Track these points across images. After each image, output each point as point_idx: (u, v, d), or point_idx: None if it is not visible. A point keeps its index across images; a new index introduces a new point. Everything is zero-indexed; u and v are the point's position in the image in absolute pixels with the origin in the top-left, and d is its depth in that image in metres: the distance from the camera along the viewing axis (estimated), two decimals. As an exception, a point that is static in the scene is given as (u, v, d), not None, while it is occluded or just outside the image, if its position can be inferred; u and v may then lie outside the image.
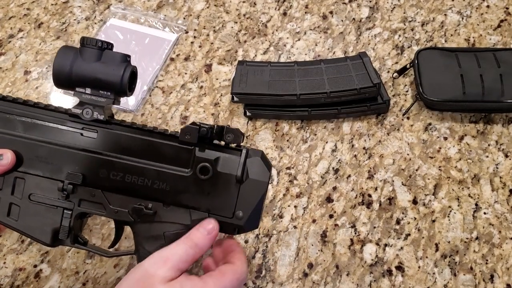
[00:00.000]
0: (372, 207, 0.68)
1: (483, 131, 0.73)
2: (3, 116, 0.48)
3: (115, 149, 0.47)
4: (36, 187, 0.48)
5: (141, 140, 0.47)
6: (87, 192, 0.48)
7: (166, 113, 0.77)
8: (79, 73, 0.46)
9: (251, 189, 0.46)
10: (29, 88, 0.80)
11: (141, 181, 0.47)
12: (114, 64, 0.46)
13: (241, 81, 0.73)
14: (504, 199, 0.68)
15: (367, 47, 0.82)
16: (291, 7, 0.88)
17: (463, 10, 0.86)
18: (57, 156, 0.47)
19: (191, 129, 0.45)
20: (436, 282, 0.62)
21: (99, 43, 0.46)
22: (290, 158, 0.72)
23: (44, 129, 0.48)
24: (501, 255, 0.64)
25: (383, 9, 0.87)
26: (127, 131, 0.47)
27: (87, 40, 0.46)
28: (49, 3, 0.90)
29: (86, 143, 0.47)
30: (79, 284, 0.63)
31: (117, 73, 0.46)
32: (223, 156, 0.46)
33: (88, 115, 0.47)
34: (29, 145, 0.47)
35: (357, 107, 0.73)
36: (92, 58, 0.46)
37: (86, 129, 0.47)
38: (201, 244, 0.45)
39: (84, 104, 0.47)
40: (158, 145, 0.47)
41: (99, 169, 0.47)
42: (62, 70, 0.46)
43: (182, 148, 0.46)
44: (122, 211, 0.47)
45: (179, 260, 0.44)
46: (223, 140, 0.46)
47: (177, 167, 0.46)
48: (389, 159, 0.72)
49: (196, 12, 0.88)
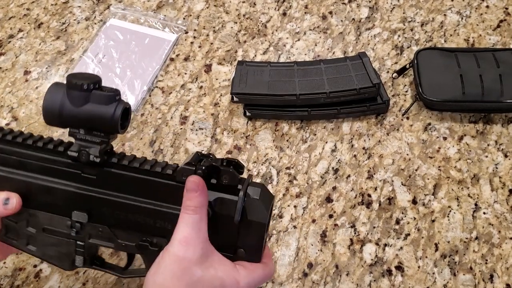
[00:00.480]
0: (372, 207, 0.68)
1: (482, 131, 0.74)
2: (6, 157, 0.48)
3: (115, 188, 0.47)
4: (48, 222, 0.49)
5: (139, 179, 0.46)
6: (95, 228, 0.48)
7: (166, 113, 0.77)
8: (68, 116, 0.45)
9: (251, 229, 0.45)
10: (29, 88, 0.80)
11: (143, 219, 0.47)
12: (102, 106, 0.44)
13: (241, 81, 0.73)
14: (504, 199, 0.68)
15: (366, 47, 0.82)
16: (291, 7, 0.88)
17: (463, 10, 0.86)
18: (61, 196, 0.47)
19: (187, 171, 0.44)
20: (436, 282, 0.62)
21: (85, 85, 0.44)
22: (290, 158, 0.72)
23: (46, 170, 0.47)
24: (500, 255, 0.64)
25: (382, 9, 0.87)
26: (125, 171, 0.47)
27: (72, 84, 0.44)
28: (49, 3, 0.90)
29: (87, 183, 0.47)
30: (79, 284, 0.63)
31: (107, 115, 0.44)
32: (221, 197, 0.45)
33: (84, 158, 0.46)
34: (34, 185, 0.48)
35: (357, 107, 0.73)
36: (80, 101, 0.44)
37: (86, 170, 0.47)
38: (197, 204, 0.44)
39: (80, 146, 0.46)
40: (156, 184, 0.46)
41: (102, 207, 0.47)
42: (52, 113, 0.45)
43: (180, 187, 0.45)
44: (130, 245, 0.48)
45: (194, 232, 0.43)
46: (219, 181, 0.45)
47: (178, 206, 0.45)
48: (388, 159, 0.72)
49: (196, 12, 0.88)
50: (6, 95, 0.80)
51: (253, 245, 0.46)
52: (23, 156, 0.48)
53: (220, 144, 0.74)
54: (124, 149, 0.74)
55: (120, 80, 0.80)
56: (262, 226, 0.45)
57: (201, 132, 0.75)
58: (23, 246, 0.50)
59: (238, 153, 0.73)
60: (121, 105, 0.45)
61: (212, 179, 0.45)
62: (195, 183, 0.44)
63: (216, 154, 0.73)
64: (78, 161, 0.46)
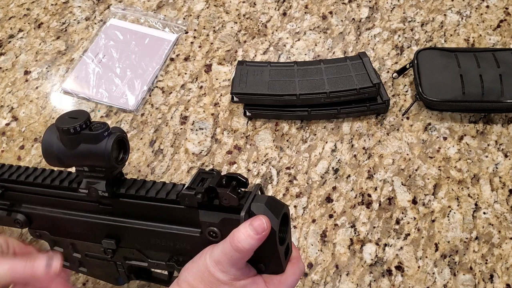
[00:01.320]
0: (372, 207, 0.68)
1: (482, 131, 0.73)
2: (37, 197, 0.51)
3: (130, 216, 0.49)
4: (87, 249, 0.52)
5: (151, 206, 0.47)
6: (127, 251, 0.51)
7: (166, 113, 0.77)
8: (66, 159, 0.46)
9: (262, 245, 0.43)
10: (29, 88, 0.80)
11: (164, 242, 0.48)
12: (94, 145, 0.45)
13: (241, 81, 0.73)
14: (504, 199, 0.68)
15: (366, 47, 0.82)
16: (291, 7, 0.88)
17: (463, 10, 0.86)
18: (87, 227, 0.50)
19: (188, 196, 0.44)
20: (436, 282, 0.62)
21: (72, 129, 0.44)
22: (290, 158, 0.72)
23: (69, 205, 0.50)
24: (500, 255, 0.64)
25: (382, 9, 0.87)
26: (133, 199, 0.48)
27: (61, 130, 0.45)
28: (49, 3, 0.90)
29: (106, 213, 0.49)
30: (79, 284, 0.63)
31: (99, 153, 0.45)
32: (226, 218, 0.44)
33: (94, 194, 0.47)
34: (64, 220, 0.51)
35: (357, 107, 0.73)
36: (73, 144, 0.45)
37: (101, 204, 0.49)
38: (247, 246, 0.42)
39: (88, 183, 0.47)
40: (166, 209, 0.47)
41: (125, 234, 0.49)
42: (51, 157, 0.46)
43: (187, 209, 0.46)
44: (161, 264, 0.50)
45: (231, 263, 0.42)
46: (221, 203, 0.44)
47: (190, 227, 0.47)
48: (388, 159, 0.72)
49: (196, 12, 0.88)
50: (6, 95, 0.80)
51: (269, 257, 0.45)
52: (46, 195, 0.51)
53: (220, 144, 0.74)
54: (124, 149, 0.74)
55: (120, 80, 0.80)
56: (273, 240, 0.44)
57: (201, 132, 0.75)
58: (76, 268, 0.55)
59: (238, 153, 0.73)
60: (111, 140, 0.45)
61: (215, 199, 0.45)
62: (262, 226, 0.42)
63: (216, 154, 0.73)
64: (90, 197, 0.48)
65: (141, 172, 0.71)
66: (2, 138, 0.75)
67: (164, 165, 0.72)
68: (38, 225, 0.53)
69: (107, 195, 0.47)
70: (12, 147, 0.75)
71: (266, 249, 0.44)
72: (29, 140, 0.75)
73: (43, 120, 0.77)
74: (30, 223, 0.53)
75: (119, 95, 0.79)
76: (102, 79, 0.80)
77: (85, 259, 0.53)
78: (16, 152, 0.74)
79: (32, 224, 0.53)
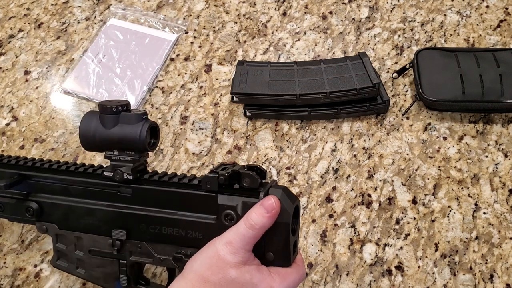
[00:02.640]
0: (372, 207, 0.68)
1: (482, 131, 0.74)
2: (52, 184, 0.53)
3: (149, 204, 0.50)
4: (92, 244, 0.53)
5: (170, 192, 0.50)
6: (134, 245, 0.51)
7: (166, 113, 0.77)
8: (102, 139, 0.49)
9: (276, 230, 0.46)
10: (29, 88, 0.80)
11: (176, 231, 0.49)
12: (130, 126, 0.49)
13: (241, 81, 0.73)
14: (504, 199, 0.68)
15: (366, 47, 0.82)
16: (291, 7, 0.88)
17: (463, 10, 0.86)
18: (102, 216, 0.52)
19: (211, 178, 0.47)
20: (436, 282, 0.62)
21: (114, 108, 0.49)
22: (290, 158, 0.72)
23: (87, 193, 0.52)
24: (500, 255, 0.64)
25: (382, 9, 0.87)
26: (156, 185, 0.50)
27: (103, 108, 0.49)
28: (49, 3, 0.90)
29: (124, 201, 0.51)
30: (79, 284, 0.63)
31: (134, 134, 0.49)
32: (244, 201, 0.47)
33: (118, 176, 0.50)
34: (77, 208, 0.52)
35: (357, 107, 0.73)
36: (111, 123, 0.49)
37: (122, 187, 0.51)
38: (259, 224, 0.45)
39: (114, 166, 0.50)
40: (185, 196, 0.49)
41: (139, 224, 0.51)
42: (87, 138, 0.50)
43: (206, 196, 0.48)
44: (167, 259, 0.51)
45: (242, 243, 0.45)
46: (241, 184, 0.47)
47: (205, 214, 0.48)
48: (388, 159, 0.72)
49: (196, 12, 0.88)
50: (6, 95, 0.80)
51: (280, 247, 0.47)
52: (66, 182, 0.53)
53: (220, 144, 0.74)
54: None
55: (120, 80, 0.80)
56: (286, 226, 0.46)
57: (201, 132, 0.75)
58: (73, 270, 0.54)
59: (238, 153, 0.73)
60: (147, 123, 0.49)
61: (235, 184, 0.47)
62: (272, 205, 0.45)
63: (216, 154, 0.73)
64: (113, 181, 0.50)
65: (141, 172, 0.71)
66: (2, 138, 0.76)
67: (164, 165, 0.72)
68: (48, 217, 0.53)
69: (131, 178, 0.49)
70: (12, 147, 0.75)
71: (278, 237, 0.46)
72: (29, 140, 0.75)
73: (43, 120, 0.77)
74: (41, 214, 0.53)
75: (119, 95, 0.79)
76: (102, 79, 0.80)
77: (86, 257, 0.53)
78: (16, 152, 0.74)
79: (43, 215, 0.53)
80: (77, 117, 0.77)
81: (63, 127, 0.76)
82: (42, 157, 0.73)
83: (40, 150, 0.74)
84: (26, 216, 0.54)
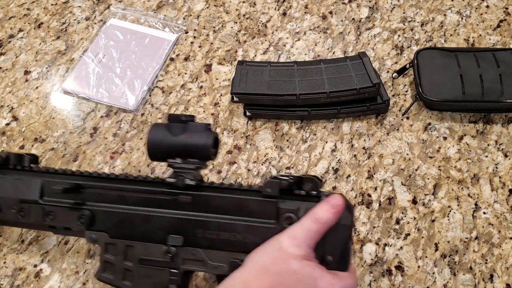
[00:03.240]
0: (372, 207, 0.68)
1: (482, 131, 0.74)
2: (108, 193, 0.54)
3: (208, 210, 0.51)
4: (144, 252, 0.52)
5: (230, 198, 0.51)
6: (188, 252, 0.52)
7: (166, 113, 0.77)
8: (170, 146, 0.51)
9: (336, 233, 0.48)
10: (29, 88, 0.80)
11: (234, 236, 0.50)
12: (198, 134, 0.51)
13: (241, 81, 0.73)
14: (504, 198, 0.68)
15: (366, 47, 0.82)
16: (291, 7, 0.88)
17: (463, 10, 0.86)
18: (159, 223, 0.52)
19: (273, 183, 0.49)
20: (436, 282, 0.62)
21: (183, 117, 0.52)
22: (290, 158, 0.72)
23: (147, 200, 0.53)
24: (500, 254, 0.64)
25: (382, 9, 0.87)
26: (217, 192, 0.52)
27: (173, 117, 0.52)
28: (49, 3, 0.90)
29: (183, 207, 0.52)
30: (79, 284, 0.63)
31: (202, 141, 0.51)
32: (304, 205, 0.49)
33: (181, 182, 0.51)
34: (134, 215, 0.53)
35: (357, 107, 0.73)
36: (178, 131, 0.51)
37: (182, 195, 0.52)
38: (324, 219, 0.46)
39: (177, 173, 0.52)
40: (244, 202, 0.51)
41: (196, 229, 0.51)
42: (155, 146, 0.52)
43: (266, 201, 0.50)
44: (221, 266, 0.51)
45: (306, 237, 0.46)
46: (302, 189, 0.49)
47: (264, 219, 0.50)
48: (388, 159, 0.72)
49: (196, 12, 0.88)
50: (6, 95, 0.80)
51: (339, 250, 0.48)
52: (124, 191, 0.54)
53: (220, 144, 0.74)
54: (124, 149, 0.74)
55: (120, 80, 0.80)
56: (347, 229, 0.48)
57: (201, 132, 0.75)
58: (119, 282, 0.53)
59: (238, 153, 0.73)
60: (212, 133, 0.52)
61: (295, 190, 0.49)
62: (338, 202, 0.47)
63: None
64: (174, 187, 0.52)
65: (141, 172, 0.72)
66: (2, 138, 0.76)
67: (164, 165, 0.72)
68: (99, 225, 0.54)
69: (194, 183, 0.51)
70: (12, 147, 0.75)
71: (338, 241, 0.48)
72: (29, 140, 0.75)
73: (43, 120, 0.77)
74: (93, 222, 0.54)
75: (119, 95, 0.79)
76: (102, 79, 0.80)
77: (135, 267, 0.53)
78: (16, 152, 0.74)
79: (94, 224, 0.54)
80: (77, 117, 0.77)
81: (63, 127, 0.76)
82: (42, 157, 0.73)
83: (40, 150, 0.74)
84: (77, 224, 0.54)
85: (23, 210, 0.55)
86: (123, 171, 0.72)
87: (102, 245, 0.54)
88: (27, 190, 0.55)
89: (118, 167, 0.72)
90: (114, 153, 0.74)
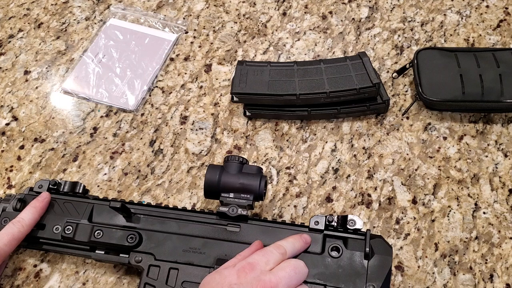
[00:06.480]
0: (372, 206, 0.68)
1: (482, 131, 0.74)
2: (165, 220, 0.59)
3: (254, 238, 0.56)
4: (188, 275, 0.55)
5: (277, 229, 0.57)
6: None
7: (166, 113, 0.77)
8: (226, 183, 0.57)
9: (378, 264, 0.53)
10: (29, 88, 0.80)
11: None
12: (252, 175, 0.57)
13: (241, 81, 0.73)
14: (504, 198, 0.68)
15: (366, 47, 0.82)
16: (291, 7, 0.88)
17: (463, 10, 0.86)
18: (208, 247, 0.56)
19: (319, 218, 0.57)
20: (436, 282, 0.62)
21: (240, 159, 0.58)
22: (290, 158, 0.72)
23: (197, 228, 0.58)
24: (500, 254, 0.64)
25: (382, 9, 0.87)
26: (264, 224, 0.57)
27: (231, 157, 0.58)
28: (49, 3, 0.90)
29: (231, 235, 0.57)
30: (79, 284, 0.63)
31: (255, 182, 0.57)
32: (349, 237, 0.56)
33: (234, 212, 0.57)
34: (185, 239, 0.57)
35: (357, 107, 0.73)
36: (235, 170, 0.58)
37: (230, 225, 0.58)
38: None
39: (228, 204, 0.57)
40: (291, 233, 0.56)
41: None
42: (212, 184, 0.57)
43: (311, 233, 0.56)
44: None
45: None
46: (346, 226, 0.56)
47: (309, 250, 0.55)
48: (388, 159, 0.72)
49: (196, 12, 0.88)
50: (6, 95, 0.80)
51: (381, 280, 0.52)
52: (181, 218, 0.59)
53: (220, 144, 0.74)
54: (124, 149, 0.74)
55: (120, 80, 0.80)
56: (388, 260, 0.53)
57: (201, 132, 0.75)
58: None
59: (238, 153, 0.73)
60: (264, 177, 0.58)
61: (338, 228, 0.57)
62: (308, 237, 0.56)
63: (216, 154, 0.73)
64: (225, 216, 0.57)
65: (141, 172, 0.72)
66: (2, 138, 0.76)
67: (164, 165, 0.72)
68: (146, 246, 0.57)
69: (246, 213, 0.57)
70: (12, 147, 0.75)
71: (379, 272, 0.53)
72: (29, 140, 0.75)
73: (43, 120, 0.77)
74: (140, 243, 0.57)
75: (119, 95, 0.79)
76: (102, 79, 0.80)
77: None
78: (16, 152, 0.74)
79: (141, 244, 0.57)
80: (77, 117, 0.77)
81: (63, 127, 0.76)
82: (42, 157, 0.73)
83: (40, 150, 0.74)
84: (125, 243, 0.56)
85: (70, 227, 0.58)
86: (123, 171, 0.72)
87: (146, 266, 0.56)
88: (76, 213, 0.60)
89: (118, 167, 0.72)
90: (114, 153, 0.74)
